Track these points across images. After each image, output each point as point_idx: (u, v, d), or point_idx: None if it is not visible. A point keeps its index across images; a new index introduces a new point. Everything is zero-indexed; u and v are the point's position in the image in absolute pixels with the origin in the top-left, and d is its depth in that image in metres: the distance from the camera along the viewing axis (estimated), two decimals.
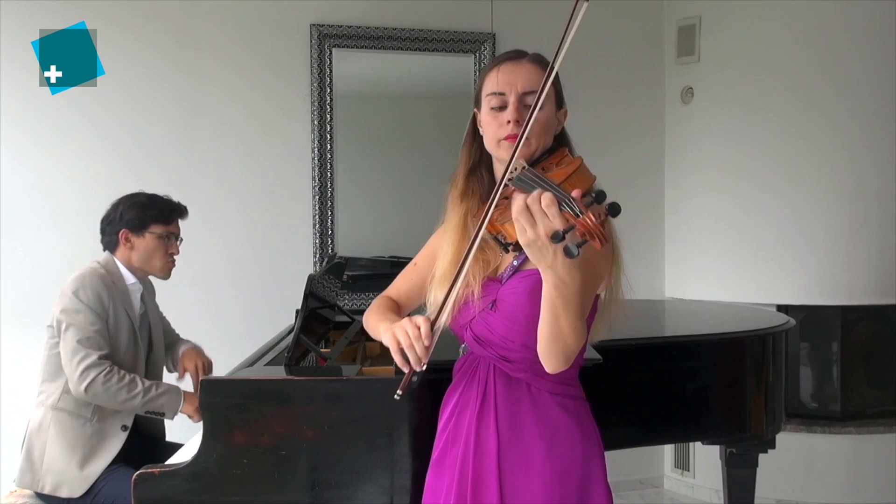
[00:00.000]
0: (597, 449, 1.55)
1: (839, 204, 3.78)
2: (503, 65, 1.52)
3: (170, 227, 2.58)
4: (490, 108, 1.51)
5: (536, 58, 1.54)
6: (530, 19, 3.99)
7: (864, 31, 3.73)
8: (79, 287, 2.40)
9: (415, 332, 1.41)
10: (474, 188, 1.56)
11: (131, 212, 2.53)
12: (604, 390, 2.15)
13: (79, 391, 2.33)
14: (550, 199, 1.19)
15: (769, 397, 2.63)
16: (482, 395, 1.55)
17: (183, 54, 3.62)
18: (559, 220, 1.18)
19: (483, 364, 1.56)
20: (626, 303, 1.58)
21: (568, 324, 1.32)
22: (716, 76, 4.04)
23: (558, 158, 1.45)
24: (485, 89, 1.53)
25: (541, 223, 1.19)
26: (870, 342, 3.96)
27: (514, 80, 1.49)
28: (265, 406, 1.91)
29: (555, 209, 1.18)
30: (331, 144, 3.77)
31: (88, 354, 2.33)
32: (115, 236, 2.53)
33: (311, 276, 2.36)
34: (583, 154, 1.58)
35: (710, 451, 3.46)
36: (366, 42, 3.80)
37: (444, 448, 1.61)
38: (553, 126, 1.53)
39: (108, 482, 2.36)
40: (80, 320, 2.36)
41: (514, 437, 1.51)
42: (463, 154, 1.61)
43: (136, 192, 2.61)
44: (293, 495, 1.89)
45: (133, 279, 2.55)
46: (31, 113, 3.45)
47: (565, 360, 1.38)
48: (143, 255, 2.54)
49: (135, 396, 2.36)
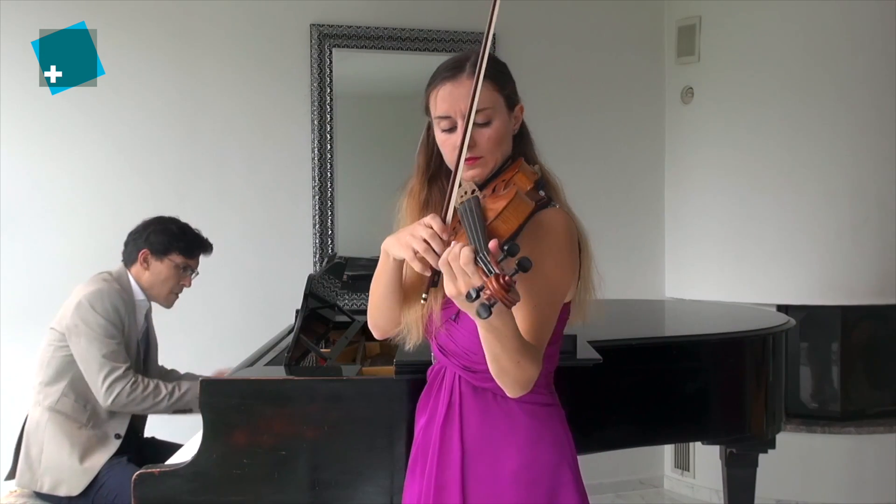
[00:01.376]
0: (568, 457, 1.51)
1: (839, 204, 3.78)
2: (443, 86, 1.44)
3: (190, 260, 2.62)
4: (441, 129, 1.46)
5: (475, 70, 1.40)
6: (530, 19, 3.99)
7: (864, 31, 3.73)
8: (98, 301, 2.44)
9: (428, 232, 1.33)
10: (436, 199, 1.51)
11: (159, 236, 2.57)
12: (604, 390, 2.17)
13: (106, 404, 2.39)
14: (467, 258, 1.19)
15: (769, 397, 2.63)
16: (447, 404, 1.53)
17: (183, 54, 3.62)
18: (476, 277, 1.18)
19: (449, 373, 1.54)
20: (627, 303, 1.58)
21: (509, 361, 1.31)
22: (716, 76, 4.04)
23: (511, 174, 1.41)
24: (431, 110, 1.47)
25: (461, 279, 1.20)
26: (870, 342, 3.96)
27: (457, 102, 1.42)
28: (265, 406, 1.91)
29: (471, 266, 1.19)
30: (331, 144, 3.77)
31: (115, 368, 2.39)
32: (135, 253, 2.56)
33: (311, 276, 2.36)
34: (583, 154, 1.57)
35: (710, 451, 3.46)
36: (366, 42, 3.80)
37: (415, 456, 1.61)
38: (508, 133, 1.47)
39: (109, 476, 2.38)
40: (101, 334, 2.40)
41: (480, 445, 1.49)
42: (420, 161, 1.56)
43: (172, 219, 2.63)
44: (293, 495, 1.89)
45: (142, 296, 2.59)
46: (31, 113, 3.45)
47: (521, 387, 1.37)
48: (155, 278, 2.57)
49: (160, 401, 2.43)
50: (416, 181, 1.56)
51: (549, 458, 1.49)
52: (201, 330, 3.54)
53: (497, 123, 1.44)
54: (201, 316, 3.52)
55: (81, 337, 2.40)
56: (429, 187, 1.54)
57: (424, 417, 1.59)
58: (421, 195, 1.54)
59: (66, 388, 2.43)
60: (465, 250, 1.20)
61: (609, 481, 4.02)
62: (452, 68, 1.45)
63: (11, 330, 3.39)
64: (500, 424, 1.49)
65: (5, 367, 3.39)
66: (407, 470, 1.64)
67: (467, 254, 1.19)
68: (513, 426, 1.49)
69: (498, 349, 1.29)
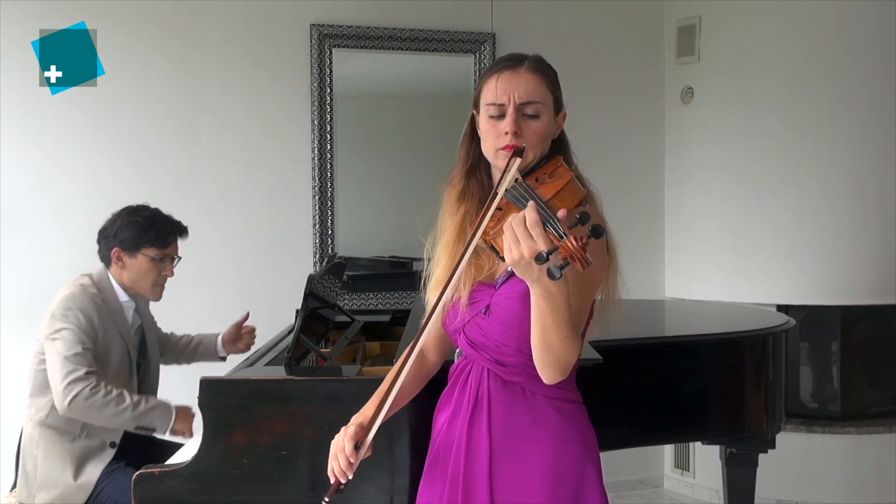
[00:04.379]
0: (592, 452, 1.54)
1: (839, 204, 3.78)
2: (502, 73, 1.50)
3: (166, 250, 2.49)
4: (489, 116, 1.50)
5: (535, 65, 1.51)
6: (530, 19, 3.99)
7: (863, 31, 3.73)
8: (67, 310, 2.34)
9: (339, 445, 1.47)
10: (473, 190, 1.56)
11: (126, 231, 2.44)
12: (604, 390, 2.16)
13: (63, 406, 2.26)
14: (534, 220, 1.20)
15: (769, 397, 2.63)
16: (474, 400, 1.53)
17: (183, 54, 3.61)
18: (543, 241, 1.19)
19: (476, 369, 1.55)
20: (627, 303, 1.58)
21: (557, 334, 1.31)
22: (716, 76, 4.04)
23: (552, 168, 1.43)
24: (483, 97, 1.52)
25: (525, 243, 1.21)
26: (870, 342, 3.96)
27: (512, 90, 1.47)
28: (265, 406, 1.91)
29: (539, 230, 1.20)
30: (331, 144, 3.77)
31: (76, 369, 2.27)
32: (108, 253, 2.46)
33: (311, 276, 2.36)
34: (583, 154, 1.58)
35: (710, 451, 3.46)
36: (366, 42, 3.80)
37: (435, 455, 1.61)
38: (551, 133, 1.52)
39: (107, 483, 2.35)
40: (67, 337, 2.30)
41: (507, 440, 1.50)
42: (461, 154, 1.59)
43: (138, 208, 2.49)
44: (293, 495, 1.89)
45: (126, 296, 2.49)
46: (31, 113, 3.44)
47: (560, 371, 1.38)
48: (134, 275, 2.46)
49: (123, 411, 2.28)
50: (457, 172, 1.60)
51: (576, 454, 1.51)
52: (201, 329, 3.53)
53: (544, 119, 1.49)
54: (201, 316, 3.51)
55: (51, 344, 2.32)
56: (467, 179, 1.57)
57: (446, 415, 1.60)
58: (459, 186, 1.58)
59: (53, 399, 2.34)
60: (531, 212, 1.21)
61: (609, 481, 3.96)
62: (513, 60, 1.52)
63: (11, 330, 3.39)
64: (528, 419, 1.50)
65: (5, 368, 3.39)
66: (425, 469, 1.63)
67: (534, 215, 1.21)
68: (540, 421, 1.50)
69: (549, 319, 1.30)
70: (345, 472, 1.45)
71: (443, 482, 1.56)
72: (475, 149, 1.57)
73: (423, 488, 1.63)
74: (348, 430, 1.48)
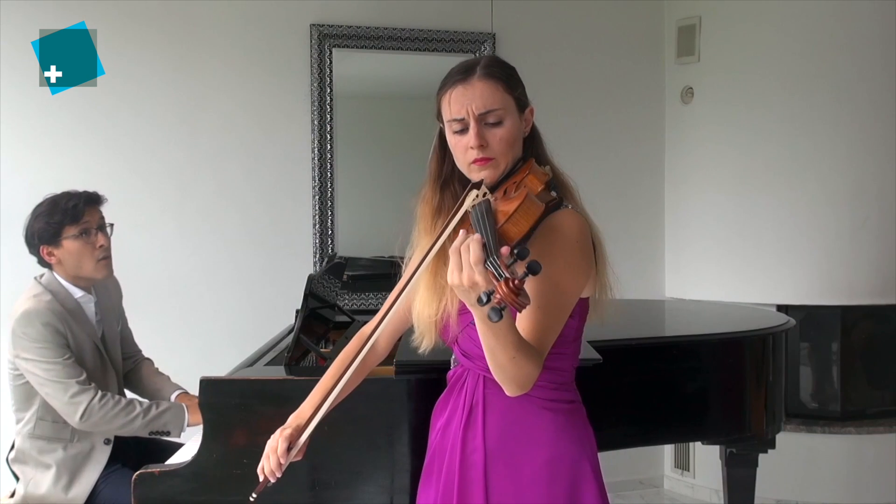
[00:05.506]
0: (588, 451, 1.53)
1: (839, 204, 3.78)
2: (455, 88, 1.46)
3: (82, 223, 2.36)
4: (453, 132, 1.47)
5: (487, 71, 1.46)
6: (530, 19, 3.99)
7: (863, 31, 3.73)
8: (29, 326, 2.26)
9: (272, 445, 1.51)
10: (449, 205, 1.52)
11: (37, 225, 2.35)
12: (604, 390, 2.16)
13: (76, 421, 2.24)
14: (477, 258, 1.19)
15: (769, 397, 2.63)
16: (469, 406, 1.53)
17: (183, 54, 3.61)
18: (482, 279, 1.19)
19: (472, 376, 1.55)
20: (626, 303, 1.58)
21: (504, 354, 1.30)
22: (716, 76, 4.04)
23: (522, 176, 1.41)
24: (443, 113, 1.48)
25: (466, 273, 1.21)
26: (870, 342, 3.96)
27: (468, 104, 1.44)
28: (265, 406, 1.91)
29: (480, 266, 1.19)
30: (331, 144, 3.77)
31: (70, 385, 2.23)
32: (39, 255, 2.37)
33: (311, 276, 2.36)
34: (583, 154, 1.58)
35: (710, 451, 3.46)
36: (366, 42, 3.80)
37: (430, 459, 1.61)
38: (520, 134, 1.48)
39: (105, 486, 2.33)
40: (45, 356, 2.24)
41: (502, 445, 1.50)
42: (432, 168, 1.56)
43: (40, 202, 2.40)
44: (293, 495, 1.89)
45: (80, 292, 2.39)
46: (31, 113, 3.44)
47: (519, 386, 1.37)
48: (72, 263, 2.36)
49: (134, 419, 2.27)
50: (428, 188, 1.57)
51: (570, 454, 1.50)
52: (201, 330, 3.54)
53: (508, 124, 1.45)
54: (201, 316, 3.53)
55: (31, 365, 2.25)
56: (441, 193, 1.55)
57: (442, 419, 1.59)
58: (433, 201, 1.55)
59: (39, 410, 2.30)
60: (475, 246, 1.20)
61: (609, 481, 3.96)
62: (463, 72, 1.48)
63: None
64: (523, 423, 1.50)
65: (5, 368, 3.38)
66: (422, 474, 1.63)
67: (477, 252, 1.20)
68: (535, 424, 1.49)
69: (493, 342, 1.29)
70: (274, 472, 1.50)
71: (436, 488, 1.56)
72: (448, 161, 1.53)
73: (420, 491, 1.64)
74: (284, 432, 1.51)
